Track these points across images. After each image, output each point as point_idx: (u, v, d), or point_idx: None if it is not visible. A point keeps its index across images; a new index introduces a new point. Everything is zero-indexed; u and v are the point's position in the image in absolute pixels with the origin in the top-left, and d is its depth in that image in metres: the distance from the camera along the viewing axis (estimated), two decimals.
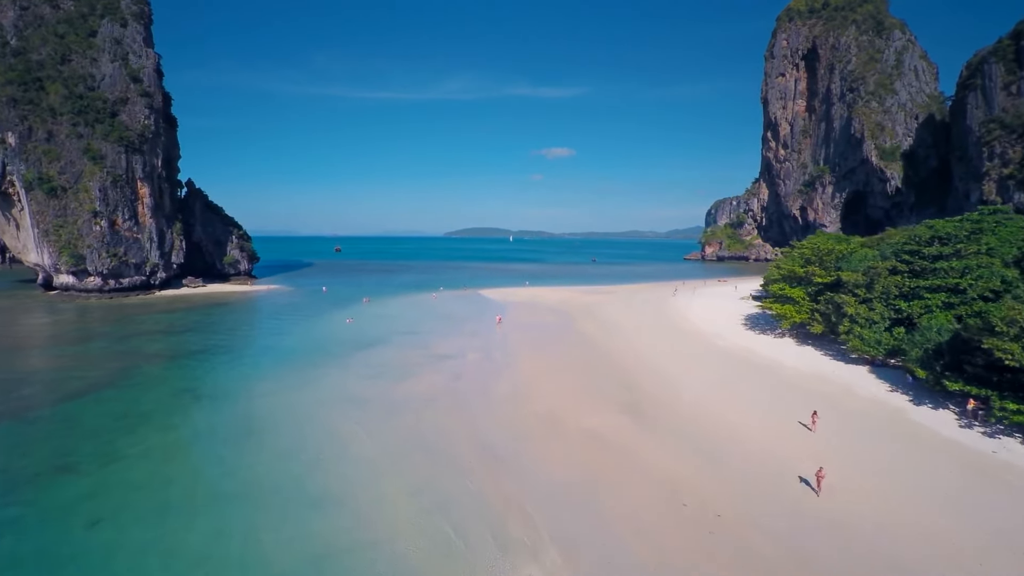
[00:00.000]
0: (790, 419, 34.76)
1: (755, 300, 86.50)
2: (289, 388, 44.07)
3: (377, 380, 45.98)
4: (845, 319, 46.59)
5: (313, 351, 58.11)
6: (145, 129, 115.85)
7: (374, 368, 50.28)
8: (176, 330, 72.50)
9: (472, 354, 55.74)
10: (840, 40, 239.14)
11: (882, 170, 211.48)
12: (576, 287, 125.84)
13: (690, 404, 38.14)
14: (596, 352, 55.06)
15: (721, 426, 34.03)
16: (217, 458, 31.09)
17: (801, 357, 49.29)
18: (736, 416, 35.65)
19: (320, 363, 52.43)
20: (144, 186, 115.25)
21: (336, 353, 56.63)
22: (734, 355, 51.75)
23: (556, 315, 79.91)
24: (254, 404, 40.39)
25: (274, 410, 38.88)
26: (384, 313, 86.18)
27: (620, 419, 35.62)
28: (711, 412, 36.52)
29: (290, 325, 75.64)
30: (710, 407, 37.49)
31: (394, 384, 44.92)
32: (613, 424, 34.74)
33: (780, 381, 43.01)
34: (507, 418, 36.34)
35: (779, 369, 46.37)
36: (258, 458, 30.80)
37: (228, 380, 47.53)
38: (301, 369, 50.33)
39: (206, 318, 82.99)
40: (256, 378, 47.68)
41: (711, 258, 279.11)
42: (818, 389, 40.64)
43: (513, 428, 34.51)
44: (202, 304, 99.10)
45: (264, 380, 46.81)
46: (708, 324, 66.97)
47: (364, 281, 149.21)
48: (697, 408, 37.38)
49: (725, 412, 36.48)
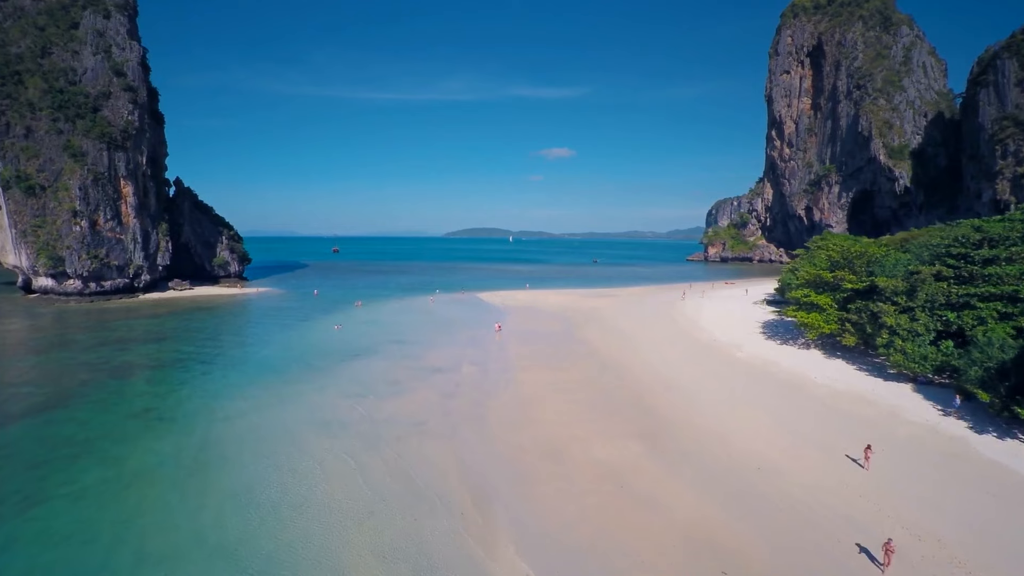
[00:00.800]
0: (834, 451, 29.80)
1: (770, 305, 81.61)
2: (258, 409, 39.11)
3: (359, 399, 41.00)
4: (883, 330, 41.63)
5: (293, 363, 53.15)
6: (128, 125, 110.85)
7: (358, 384, 45.31)
8: (151, 338, 67.56)
9: (468, 367, 50.78)
10: (846, 36, 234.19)
11: (890, 169, 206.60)
12: (578, 290, 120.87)
13: (714, 430, 33.16)
14: (603, 365, 50.08)
15: (753, 459, 29.08)
16: (158, 504, 26.13)
17: (832, 372, 44.22)
18: (769, 446, 30.68)
19: (298, 377, 47.46)
20: (127, 184, 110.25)
21: (318, 366, 51.66)
22: (756, 369, 46.73)
23: (558, 322, 74.92)
24: (215, 430, 35.43)
25: (237, 438, 33.91)
26: (375, 319, 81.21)
27: (634, 449, 30.65)
28: (739, 441, 31.55)
29: (274, 332, 70.68)
30: (737, 434, 32.51)
31: (378, 404, 39.97)
32: (626, 456, 29.78)
33: (813, 402, 38.02)
34: (506, 449, 31.38)
35: (809, 387, 41.34)
36: (206, 503, 25.84)
37: (193, 398, 42.57)
38: (276, 385, 45.37)
39: (186, 324, 78.05)
40: (224, 396, 42.72)
41: (714, 259, 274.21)
42: (858, 412, 35.66)
43: (512, 462, 29.57)
44: (186, 308, 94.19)
45: (232, 399, 41.86)
46: (723, 332, 61.93)
47: (359, 283, 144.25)
48: (722, 435, 32.40)
49: (755, 441, 31.52)
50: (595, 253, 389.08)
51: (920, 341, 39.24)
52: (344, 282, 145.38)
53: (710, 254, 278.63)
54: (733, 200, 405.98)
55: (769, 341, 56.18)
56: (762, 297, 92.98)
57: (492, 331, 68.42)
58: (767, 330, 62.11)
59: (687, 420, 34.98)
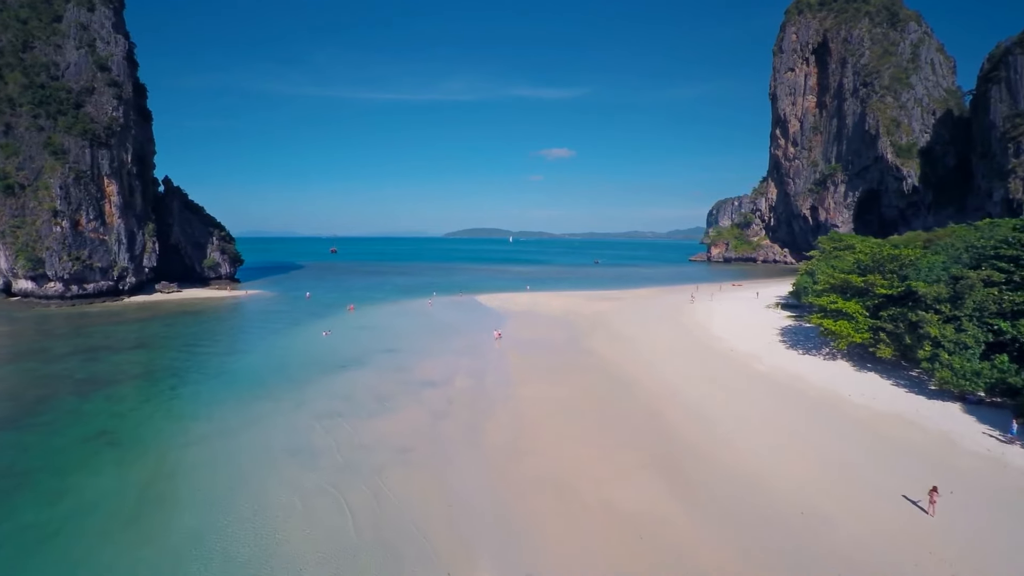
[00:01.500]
0: (887, 491, 25.43)
1: (785, 310, 77.20)
2: (224, 433, 34.74)
3: (339, 419, 36.64)
4: (926, 342, 37.29)
5: (272, 375, 48.79)
6: (112, 122, 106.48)
7: (340, 400, 40.95)
8: (127, 346, 63.23)
9: (463, 380, 46.40)
10: (852, 33, 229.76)
11: (898, 168, 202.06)
12: (580, 292, 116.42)
13: (745, 463, 28.75)
14: (611, 379, 45.67)
15: (793, 501, 24.72)
16: (85, 557, 21.77)
17: (867, 389, 39.77)
18: (810, 483, 26.31)
19: (275, 392, 43.09)
20: (111, 183, 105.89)
21: (299, 378, 47.29)
22: (781, 384, 42.30)
23: (561, 328, 70.51)
24: (171, 459, 31.08)
25: (193, 469, 29.57)
26: (367, 323, 76.83)
27: (654, 488, 26.29)
28: (775, 477, 27.16)
29: (257, 339, 66.35)
30: (772, 468, 28.12)
31: (360, 425, 35.60)
32: (646, 497, 25.42)
33: (852, 426, 33.59)
34: (503, 485, 27.03)
35: (845, 406, 36.90)
36: (142, 556, 21.51)
37: (155, 418, 38.21)
38: (249, 402, 41.03)
39: (167, 330, 73.70)
40: (189, 416, 38.38)
41: (717, 259, 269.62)
42: (906, 439, 31.26)
43: (510, 503, 25.21)
44: (170, 312, 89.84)
45: (198, 419, 37.51)
46: (739, 340, 57.50)
47: (355, 284, 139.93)
48: (755, 470, 28.00)
49: (793, 476, 27.15)
50: (596, 253, 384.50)
51: (969, 355, 34.90)
52: (339, 284, 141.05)
53: (713, 254, 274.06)
54: (734, 200, 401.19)
55: (791, 351, 51.73)
56: (774, 300, 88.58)
57: (491, 338, 64.07)
58: (787, 338, 57.66)
59: (712, 450, 30.57)
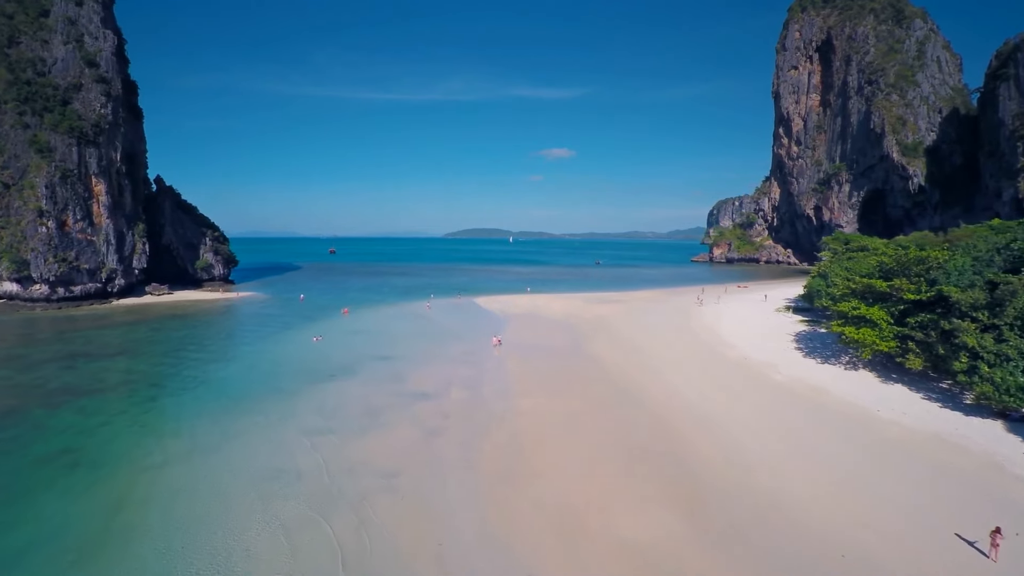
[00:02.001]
0: (937, 527, 22.43)
1: (797, 314, 74.12)
2: (197, 452, 31.76)
3: (323, 437, 33.63)
4: (962, 353, 34.32)
5: (258, 385, 45.81)
6: (101, 119, 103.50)
7: (326, 415, 37.96)
8: (108, 352, 60.26)
9: (459, 391, 43.39)
10: (857, 30, 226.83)
11: (904, 167, 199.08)
12: (582, 294, 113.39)
13: (771, 492, 25.72)
14: (618, 390, 42.65)
15: (831, 539, 21.72)
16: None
17: (896, 403, 36.72)
18: (848, 518, 23.31)
19: (257, 405, 40.10)
20: (99, 182, 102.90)
21: (284, 389, 44.30)
22: (803, 398, 39.27)
23: (563, 332, 67.48)
24: (143, 481, 28.14)
25: (165, 494, 26.63)
26: (362, 328, 73.82)
27: (671, 523, 23.29)
28: (807, 509, 24.15)
29: (244, 345, 63.36)
30: (803, 498, 25.11)
31: (345, 444, 32.60)
32: (662, 534, 22.43)
33: (886, 446, 30.55)
34: (501, 518, 24.05)
35: (875, 423, 33.82)
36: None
37: (125, 435, 35.21)
38: (232, 414, 38.06)
39: (152, 335, 70.73)
40: (162, 432, 35.40)
41: (719, 260, 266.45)
42: (949, 463, 28.23)
43: (509, 542, 22.21)
44: (159, 316, 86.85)
45: (171, 436, 34.53)
46: (752, 347, 54.48)
47: (352, 286, 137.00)
48: (784, 500, 25.00)
49: (827, 509, 24.15)
50: (597, 254, 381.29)
51: (1012, 367, 31.92)
52: (336, 285, 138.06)
53: (715, 255, 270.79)
54: (735, 200, 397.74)
55: (809, 360, 48.70)
56: (783, 303, 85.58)
57: (489, 344, 61.05)
58: (802, 345, 54.61)
59: (733, 475, 27.56)
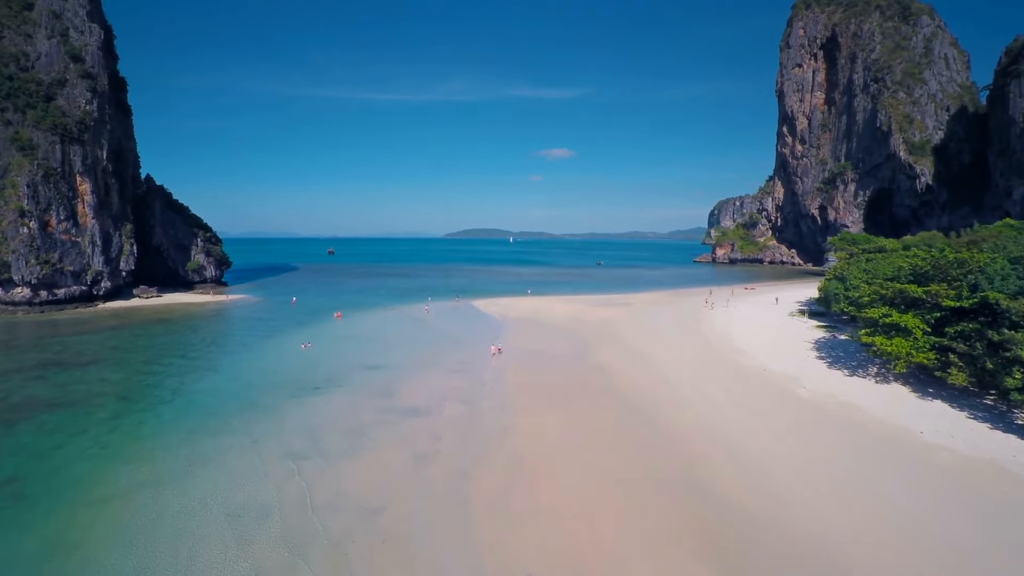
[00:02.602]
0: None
1: (812, 318, 70.27)
2: (161, 479, 28.08)
3: (300, 463, 29.92)
4: (1015, 368, 30.61)
5: (234, 399, 42.08)
6: (86, 116, 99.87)
7: (305, 435, 34.24)
8: (82, 360, 56.55)
9: (453, 406, 39.65)
10: (862, 27, 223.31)
11: (911, 166, 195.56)
12: (585, 296, 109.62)
13: (815, 538, 21.88)
14: (628, 406, 38.87)
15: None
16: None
17: (940, 423, 32.78)
18: (902, 566, 19.58)
19: (230, 424, 36.40)
20: (84, 181, 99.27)
21: (263, 404, 40.57)
22: (833, 416, 35.40)
23: (567, 339, 63.69)
24: (86, 518, 24.44)
25: (109, 534, 22.94)
26: (353, 334, 70.08)
27: (695, 571, 19.54)
28: (862, 564, 20.40)
29: (226, 353, 59.64)
30: (852, 546, 21.36)
31: (323, 473, 28.88)
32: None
33: (938, 475, 26.73)
34: (498, 568, 20.30)
35: (920, 449, 29.90)
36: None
37: (80, 461, 31.48)
38: (200, 435, 34.35)
39: (133, 341, 67.03)
40: (121, 457, 31.68)
41: (722, 260, 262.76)
42: (1018, 499, 24.50)
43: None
44: (144, 320, 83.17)
45: (130, 461, 30.81)
46: (769, 356, 50.66)
47: (347, 288, 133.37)
48: (831, 549, 21.22)
49: (888, 558, 20.40)
50: (598, 254, 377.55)
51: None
52: (331, 287, 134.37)
53: (718, 255, 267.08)
54: (736, 200, 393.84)
55: (833, 371, 44.86)
56: (796, 306, 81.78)
57: (488, 352, 57.30)
58: (823, 354, 50.76)
59: (766, 510, 23.81)
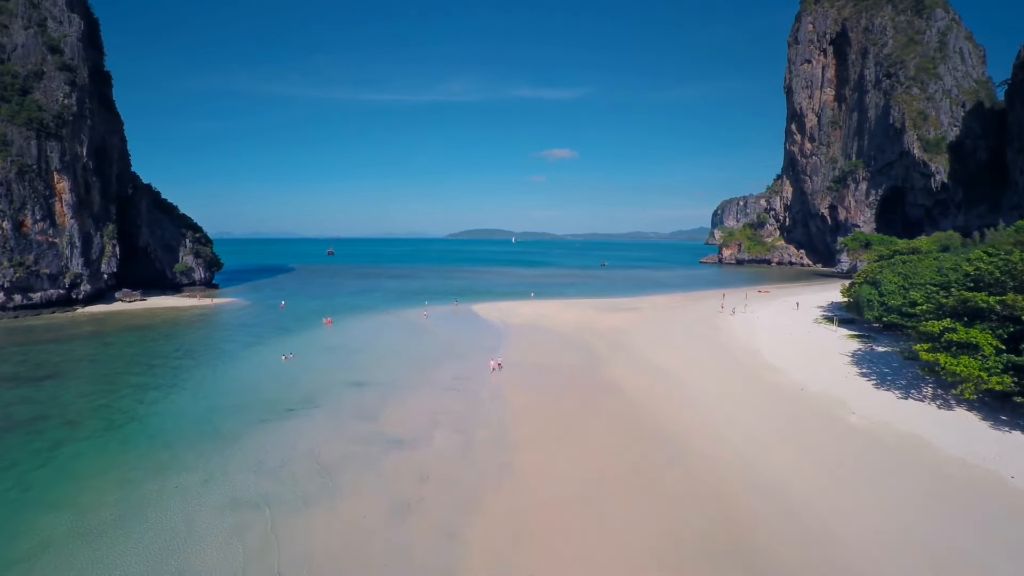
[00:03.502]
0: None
1: (843, 326, 64.24)
2: (75, 536, 22.62)
3: (250, 515, 24.37)
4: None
5: (195, 424, 36.61)
6: (64, 110, 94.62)
7: (265, 475, 28.69)
8: (39, 374, 51.14)
9: (444, 436, 34.04)
10: (874, 22, 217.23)
11: (925, 163, 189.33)
12: (591, 300, 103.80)
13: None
14: (649, 438, 33.14)
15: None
16: None
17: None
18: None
19: (186, 457, 30.89)
20: (63, 179, 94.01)
21: (225, 432, 35.06)
22: (899, 453, 29.41)
23: (573, 350, 58.02)
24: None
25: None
26: (341, 342, 64.56)
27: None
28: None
29: (200, 365, 54.17)
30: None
31: (280, 528, 23.33)
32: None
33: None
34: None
35: (1018, 500, 24.45)
36: None
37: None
38: (141, 474, 28.85)
39: (102, 352, 61.67)
40: (44, 502, 26.16)
41: (729, 261, 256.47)
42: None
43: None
44: (120, 327, 77.81)
45: (54, 508, 25.32)
46: (804, 372, 44.78)
47: (343, 289, 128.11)
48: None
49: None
50: (601, 255, 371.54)
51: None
52: (326, 289, 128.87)
53: (725, 256, 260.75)
54: (739, 200, 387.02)
55: (881, 392, 39.03)
56: (818, 312, 75.96)
57: (486, 365, 51.67)
58: (865, 370, 44.85)
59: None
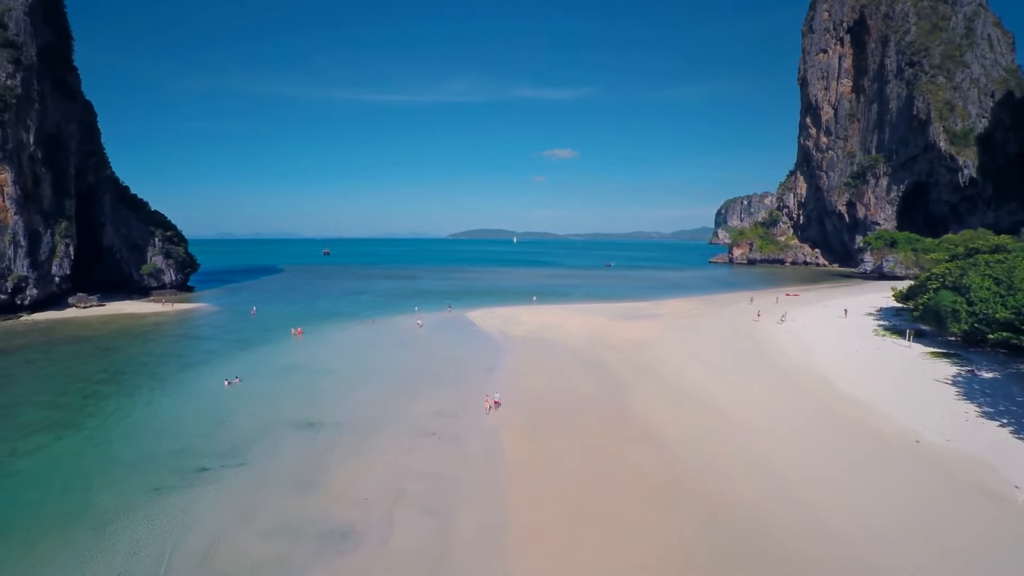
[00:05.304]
0: None
1: (918, 342, 51.79)
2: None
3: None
4: None
5: (62, 494, 25.63)
6: (6, 91, 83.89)
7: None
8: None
9: (409, 522, 22.90)
10: (895, 8, 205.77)
11: (952, 157, 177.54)
12: (601, 305, 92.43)
13: None
14: (716, 524, 22.04)
15: None
16: None
17: None
18: None
19: (12, 562, 19.93)
20: (5, 170, 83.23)
21: (99, 507, 24.07)
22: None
23: (588, 372, 46.76)
24: None
25: None
26: (305, 361, 53.39)
27: None
28: None
29: (120, 393, 43.12)
30: None
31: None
32: None
33: None
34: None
35: None
36: None
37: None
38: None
39: (15, 372, 50.89)
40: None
41: (740, 260, 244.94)
42: None
43: None
44: (58, 339, 66.94)
45: None
46: (901, 410, 33.36)
47: (331, 291, 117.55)
48: None
49: None
50: (604, 254, 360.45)
51: None
52: (310, 293, 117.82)
53: (735, 255, 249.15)
54: (743, 199, 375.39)
55: (1011, 437, 27.85)
56: (870, 321, 64.71)
57: (479, 399, 40.46)
58: (987, 407, 33.40)
59: None
